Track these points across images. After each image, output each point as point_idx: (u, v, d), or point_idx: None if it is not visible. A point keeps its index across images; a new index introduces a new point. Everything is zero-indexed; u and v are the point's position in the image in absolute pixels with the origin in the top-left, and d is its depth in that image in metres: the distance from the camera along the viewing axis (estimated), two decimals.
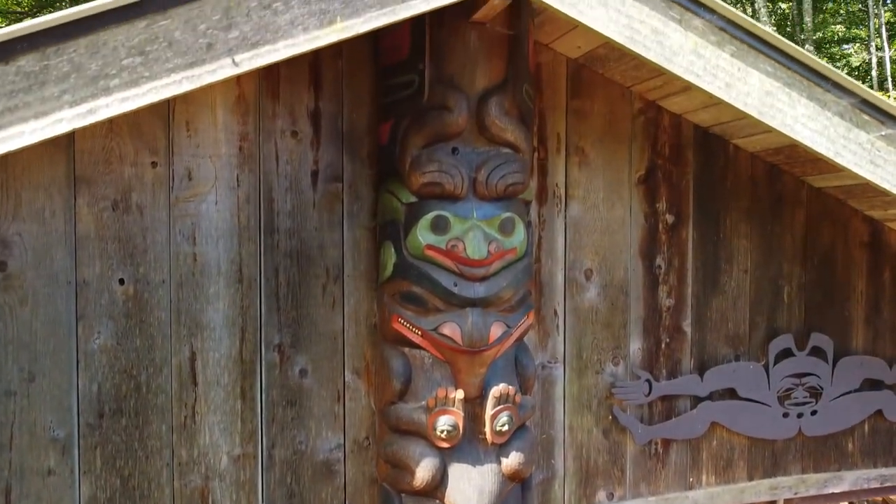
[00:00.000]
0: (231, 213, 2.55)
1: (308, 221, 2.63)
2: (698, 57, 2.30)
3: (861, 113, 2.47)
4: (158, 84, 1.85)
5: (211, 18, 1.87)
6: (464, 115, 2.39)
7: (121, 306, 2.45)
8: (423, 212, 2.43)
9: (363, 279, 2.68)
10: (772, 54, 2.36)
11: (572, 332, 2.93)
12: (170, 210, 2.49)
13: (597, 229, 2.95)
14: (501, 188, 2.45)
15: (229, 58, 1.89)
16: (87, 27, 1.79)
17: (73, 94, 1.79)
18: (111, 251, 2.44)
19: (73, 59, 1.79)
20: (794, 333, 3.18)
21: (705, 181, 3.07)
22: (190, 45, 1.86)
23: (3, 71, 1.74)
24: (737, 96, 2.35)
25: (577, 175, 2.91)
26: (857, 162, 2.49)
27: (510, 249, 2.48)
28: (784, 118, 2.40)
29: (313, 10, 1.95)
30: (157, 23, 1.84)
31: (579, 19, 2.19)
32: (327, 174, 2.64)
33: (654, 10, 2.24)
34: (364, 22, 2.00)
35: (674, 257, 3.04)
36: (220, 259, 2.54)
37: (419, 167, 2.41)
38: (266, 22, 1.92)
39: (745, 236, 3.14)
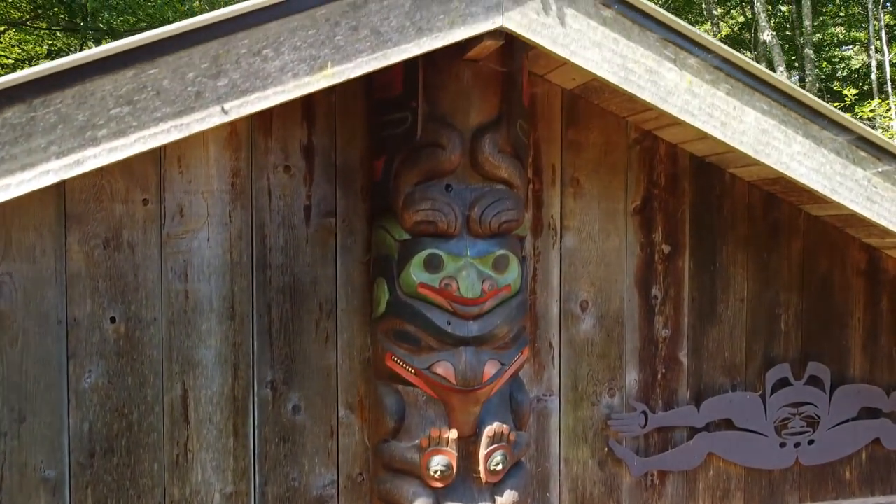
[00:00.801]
0: (223, 250, 2.53)
1: (301, 257, 2.61)
2: (693, 96, 2.28)
3: (857, 150, 2.45)
4: (146, 133, 1.83)
5: (199, 66, 1.85)
6: (457, 152, 2.38)
7: (112, 345, 2.43)
8: (417, 250, 2.41)
9: (357, 314, 2.66)
10: (768, 92, 2.34)
11: (568, 365, 2.91)
12: (161, 247, 2.47)
13: (592, 260, 2.93)
14: (495, 225, 2.43)
15: (218, 106, 1.88)
16: (75, 77, 1.77)
17: (61, 145, 1.77)
18: (102, 289, 2.42)
19: (59, 109, 1.77)
20: (791, 362, 3.16)
21: (702, 210, 3.05)
22: (178, 93, 1.84)
23: None
24: (732, 135, 2.33)
25: (573, 206, 2.90)
26: (854, 199, 2.47)
27: (504, 287, 2.46)
28: (780, 156, 2.38)
29: (303, 57, 1.93)
30: (145, 72, 1.82)
31: (573, 60, 2.17)
32: (320, 209, 2.62)
33: (649, 50, 2.22)
34: (355, 67, 1.98)
35: (670, 287, 3.03)
36: (212, 296, 2.52)
37: (412, 205, 2.39)
38: (256, 69, 1.90)
39: (741, 265, 3.12)
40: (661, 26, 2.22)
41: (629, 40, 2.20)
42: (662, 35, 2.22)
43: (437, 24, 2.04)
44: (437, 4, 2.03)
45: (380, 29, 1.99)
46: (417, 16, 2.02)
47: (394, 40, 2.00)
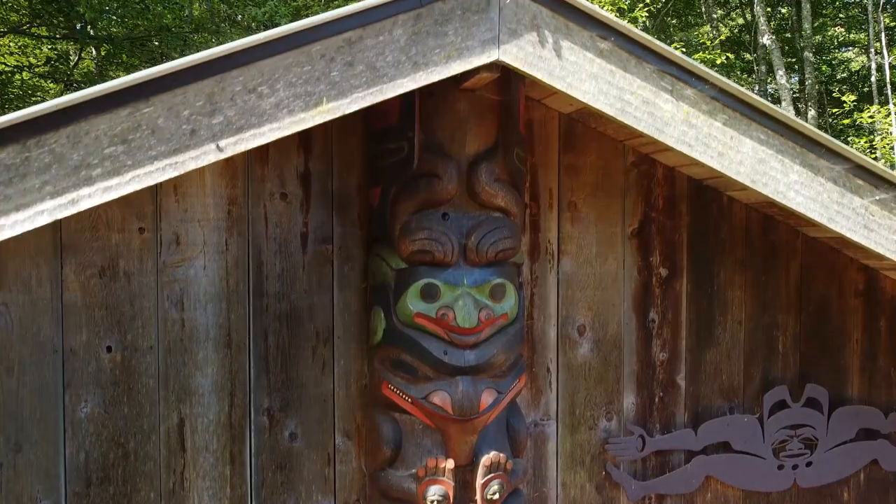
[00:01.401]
0: (219, 278, 2.53)
1: (297, 284, 2.61)
2: (690, 127, 2.27)
3: (855, 178, 2.45)
4: (141, 172, 1.83)
5: (194, 104, 1.85)
6: (454, 182, 2.37)
7: (108, 374, 2.43)
8: (413, 279, 2.41)
9: (353, 340, 2.66)
10: (765, 122, 2.33)
11: (565, 389, 2.90)
12: (157, 276, 2.46)
13: (590, 284, 2.92)
14: (492, 254, 2.43)
15: (213, 143, 1.87)
16: (69, 117, 1.77)
17: (55, 185, 1.77)
18: (98, 319, 2.42)
19: (54, 149, 1.77)
20: (789, 383, 3.16)
21: (699, 233, 3.05)
22: (173, 131, 1.84)
23: None
24: (729, 165, 2.33)
25: (570, 230, 2.89)
26: (852, 227, 2.47)
27: (501, 315, 2.45)
28: (777, 185, 2.38)
29: (299, 93, 1.93)
30: (139, 110, 1.81)
31: (569, 92, 2.17)
32: (317, 236, 2.61)
33: (645, 81, 2.21)
34: (350, 103, 1.98)
35: (667, 310, 3.02)
36: (208, 324, 2.52)
37: (409, 234, 2.39)
38: (251, 106, 1.90)
39: (739, 287, 3.11)
40: (657, 57, 2.21)
41: (626, 72, 2.20)
42: (659, 66, 2.22)
43: (432, 59, 2.03)
44: (433, 39, 2.03)
45: (375, 64, 1.98)
46: (413, 50, 2.01)
47: (389, 75, 2.00)
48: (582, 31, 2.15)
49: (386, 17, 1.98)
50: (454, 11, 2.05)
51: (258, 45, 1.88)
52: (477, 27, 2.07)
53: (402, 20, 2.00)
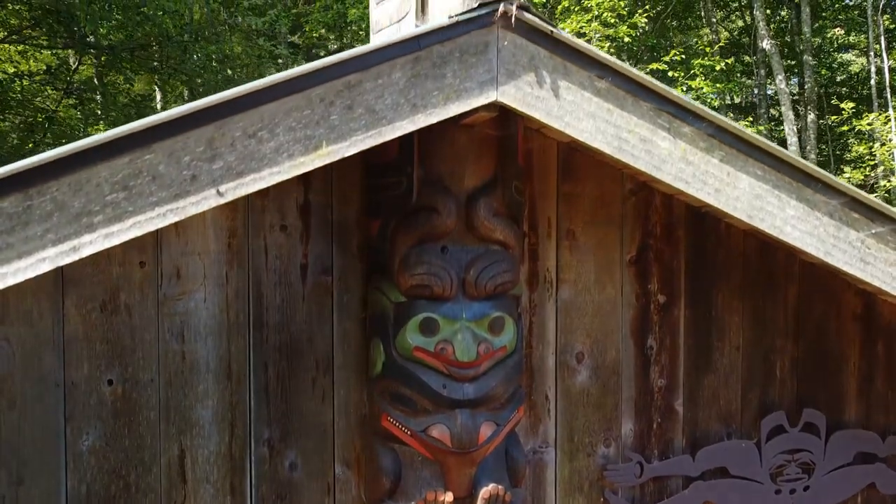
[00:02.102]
0: (220, 310, 2.54)
1: (297, 315, 2.62)
2: (687, 164, 2.29)
3: (851, 212, 2.46)
4: (142, 218, 1.85)
5: (195, 150, 1.87)
6: (452, 217, 2.39)
7: (109, 407, 2.45)
8: (412, 313, 2.43)
9: (353, 370, 2.68)
10: (761, 158, 2.35)
11: (563, 416, 2.92)
12: (158, 309, 2.48)
13: (588, 312, 2.94)
14: (491, 288, 2.45)
15: (214, 188, 1.89)
16: (71, 166, 1.78)
17: (57, 233, 1.79)
18: (99, 352, 2.43)
19: (56, 197, 1.78)
20: (787, 408, 3.17)
21: (697, 260, 3.06)
22: (174, 177, 1.86)
23: None
24: (726, 201, 2.34)
25: (569, 258, 2.91)
26: (848, 261, 2.49)
27: (500, 348, 2.47)
28: (774, 220, 2.39)
29: (298, 137, 1.94)
30: (140, 157, 1.83)
31: (567, 132, 2.18)
32: (317, 267, 2.63)
33: (643, 119, 2.23)
34: (350, 146, 1.99)
35: (665, 337, 3.04)
36: (208, 356, 2.54)
37: (408, 269, 2.40)
38: (251, 151, 1.91)
39: (737, 313, 3.13)
40: (654, 96, 2.23)
41: (623, 110, 2.21)
42: (656, 104, 2.23)
43: (431, 101, 2.05)
44: (432, 81, 2.05)
45: (374, 107, 2.00)
46: (412, 93, 2.03)
47: (388, 118, 2.02)
48: (580, 71, 2.17)
49: (385, 61, 2.00)
50: (452, 54, 2.06)
51: (258, 91, 1.90)
52: (475, 69, 2.08)
53: (400, 63, 2.01)
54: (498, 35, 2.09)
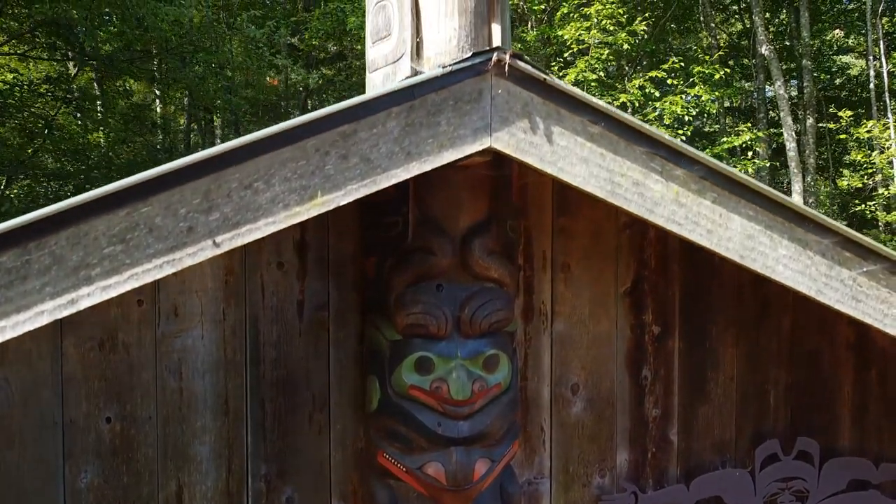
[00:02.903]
0: (217, 347, 2.57)
1: (294, 351, 2.64)
2: (680, 206, 2.31)
3: (843, 250, 2.48)
4: (139, 270, 1.87)
5: (191, 202, 1.89)
6: (447, 257, 2.41)
7: (108, 444, 2.47)
8: (408, 351, 2.45)
9: (349, 405, 2.70)
10: (753, 199, 2.37)
11: (559, 447, 2.94)
12: (156, 347, 2.50)
13: (583, 344, 2.96)
14: (486, 326, 2.47)
15: (210, 239, 1.91)
16: (68, 220, 1.80)
17: (55, 286, 1.81)
18: (98, 390, 2.45)
19: (54, 251, 1.80)
20: (780, 436, 3.20)
21: (692, 291, 3.08)
22: (171, 229, 1.88)
23: None
24: (718, 242, 2.36)
25: (563, 291, 2.93)
26: (840, 299, 2.51)
27: (494, 385, 2.49)
28: (766, 260, 2.41)
29: (294, 187, 1.97)
30: (137, 210, 1.85)
31: (560, 177, 2.20)
32: (313, 303, 2.65)
33: (635, 163, 2.25)
34: (345, 195, 2.01)
35: (660, 367, 3.06)
36: (206, 392, 2.56)
37: (403, 308, 2.43)
38: (247, 202, 1.93)
39: (731, 343, 3.15)
40: (647, 140, 2.25)
41: (616, 154, 2.23)
42: (649, 148, 2.25)
43: (425, 149, 2.07)
44: (426, 129, 2.07)
45: (369, 156, 2.02)
46: (406, 141, 2.05)
47: (383, 166, 2.04)
48: (573, 117, 2.19)
49: (380, 111, 2.02)
50: (446, 101, 2.08)
51: (255, 142, 1.92)
52: (469, 116, 2.10)
53: (395, 112, 2.03)
54: (492, 83, 2.11)
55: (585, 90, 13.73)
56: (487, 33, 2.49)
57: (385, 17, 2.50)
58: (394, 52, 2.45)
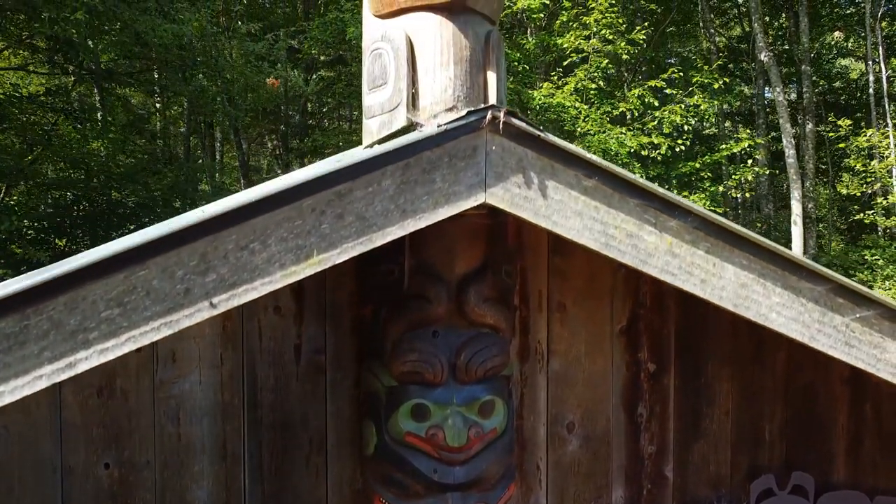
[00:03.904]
0: (214, 392, 2.58)
1: (291, 394, 2.66)
2: (674, 256, 2.33)
3: (836, 297, 2.50)
4: (137, 333, 1.88)
5: (188, 264, 1.91)
6: (443, 306, 2.43)
7: (106, 490, 2.49)
8: (404, 398, 2.47)
9: (346, 446, 2.72)
10: (747, 248, 2.39)
11: (555, 486, 2.96)
12: (154, 393, 2.52)
13: (579, 382, 2.98)
14: (481, 373, 2.49)
15: (207, 301, 1.93)
16: (66, 284, 1.82)
17: (53, 351, 1.83)
18: (96, 437, 2.47)
19: (52, 316, 1.82)
20: (776, 471, 3.21)
21: (687, 328, 3.10)
22: (168, 292, 1.89)
23: None
24: (712, 291, 2.38)
25: (559, 330, 2.95)
26: (832, 345, 2.52)
27: (490, 431, 2.51)
28: (759, 308, 2.43)
29: (290, 247, 1.98)
30: (135, 273, 1.87)
31: (554, 230, 2.22)
32: (310, 347, 2.67)
33: (629, 215, 2.27)
34: (340, 253, 2.03)
35: (656, 404, 3.08)
36: (204, 437, 2.58)
37: (399, 355, 2.44)
38: (243, 263, 1.95)
39: (726, 378, 3.17)
40: (641, 192, 2.27)
41: (610, 207, 2.25)
42: (642, 200, 2.27)
43: (420, 206, 2.09)
44: (421, 186, 2.08)
45: (365, 214, 2.04)
46: (401, 199, 2.07)
47: (378, 224, 2.05)
48: (567, 171, 2.20)
49: (375, 170, 2.03)
50: (441, 159, 2.10)
51: (252, 204, 1.94)
52: (464, 172, 2.12)
53: (391, 171, 2.05)
54: (486, 139, 2.13)
55: (585, 99, 13.75)
56: (483, 81, 2.51)
57: (381, 66, 2.51)
58: (390, 100, 2.47)
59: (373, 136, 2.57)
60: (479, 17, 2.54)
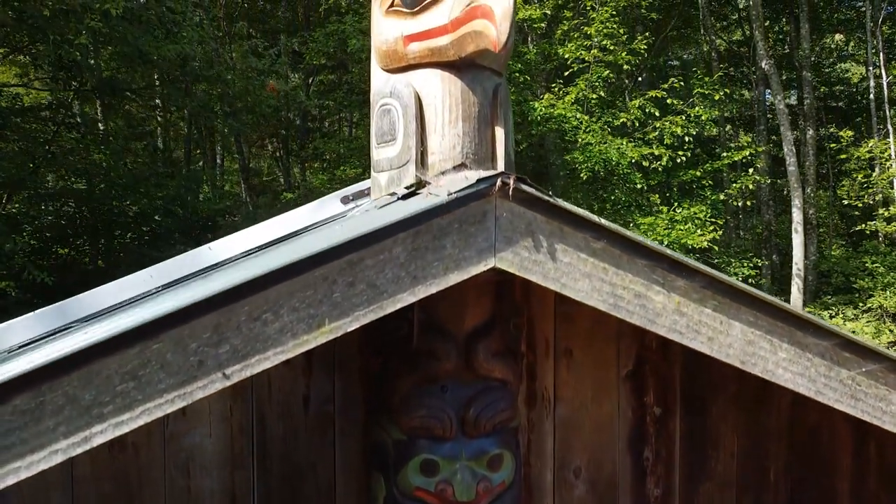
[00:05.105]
0: (224, 444, 2.60)
1: (300, 444, 2.68)
2: (681, 315, 2.34)
3: (842, 351, 2.51)
4: (151, 405, 1.90)
5: (201, 337, 1.92)
6: (452, 361, 2.45)
7: None
8: (412, 453, 2.48)
9: (354, 496, 2.73)
10: (753, 305, 2.40)
11: None
12: (164, 446, 2.54)
13: (585, 427, 3.00)
14: (490, 427, 2.51)
15: (220, 372, 1.94)
16: (81, 360, 1.83)
17: (68, 426, 1.84)
18: (107, 490, 2.49)
19: (67, 391, 1.83)
20: None
21: (692, 371, 3.12)
22: (181, 364, 1.91)
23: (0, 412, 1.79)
24: (719, 348, 2.40)
25: (566, 376, 2.96)
26: (839, 398, 2.54)
27: (499, 484, 2.53)
28: (766, 364, 2.45)
29: (302, 317, 2.00)
30: (149, 347, 1.88)
31: (563, 292, 2.24)
32: (319, 398, 2.69)
33: (638, 276, 2.28)
34: (352, 321, 2.04)
35: (661, 447, 3.09)
36: (213, 489, 2.59)
37: (408, 411, 2.46)
38: (256, 333, 1.96)
39: (731, 421, 3.18)
40: (649, 253, 2.28)
41: (618, 268, 2.27)
42: (650, 261, 2.29)
43: (431, 272, 2.10)
44: (432, 253, 2.10)
45: (376, 282, 2.05)
46: (412, 266, 2.08)
47: (389, 291, 2.07)
48: (575, 234, 2.22)
49: (387, 237, 2.05)
50: (452, 225, 2.11)
51: (265, 276, 1.95)
52: (474, 238, 2.14)
53: (401, 238, 2.07)
54: (496, 204, 2.15)
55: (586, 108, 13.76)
56: (491, 136, 2.53)
57: (389, 122, 2.53)
58: (398, 157, 2.48)
59: (381, 189, 2.59)
60: (488, 72, 2.56)
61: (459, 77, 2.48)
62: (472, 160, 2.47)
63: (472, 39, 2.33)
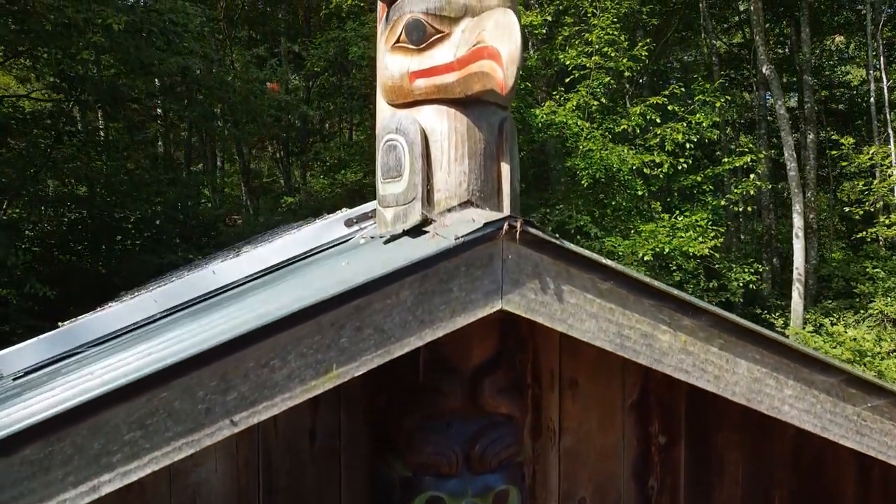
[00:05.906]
0: (230, 479, 2.60)
1: (306, 479, 2.68)
2: (688, 354, 2.34)
3: (847, 387, 2.52)
4: (159, 454, 1.90)
5: (209, 384, 1.92)
6: (457, 399, 2.45)
7: None
8: (419, 490, 2.48)
9: None
10: (759, 343, 2.40)
11: None
12: (170, 483, 2.54)
13: (590, 457, 3.00)
14: (496, 463, 2.51)
15: (227, 419, 1.94)
16: (90, 411, 1.83)
17: (76, 476, 1.84)
18: None
19: (75, 441, 1.83)
20: None
21: (697, 400, 3.11)
22: (189, 412, 1.91)
23: (8, 462, 1.79)
24: (725, 387, 2.40)
25: (571, 407, 2.96)
26: (844, 434, 2.54)
27: None
28: (772, 401, 2.45)
29: (309, 362, 2.00)
30: (157, 396, 1.88)
31: (570, 333, 2.24)
32: (325, 432, 2.69)
33: (644, 316, 2.28)
34: (359, 366, 2.05)
35: (666, 476, 3.09)
36: None
37: (414, 447, 2.46)
38: (263, 380, 1.97)
39: (736, 449, 3.18)
40: (655, 293, 2.28)
41: (625, 308, 2.27)
42: (657, 301, 2.29)
43: (438, 315, 2.10)
44: (439, 296, 2.10)
45: (383, 327, 2.05)
46: (419, 310, 2.08)
47: (396, 335, 2.07)
48: (582, 275, 2.22)
49: (394, 282, 2.05)
50: (458, 268, 2.12)
51: (272, 323, 1.95)
52: (481, 280, 2.14)
53: (409, 282, 2.07)
54: (502, 247, 2.15)
55: (587, 115, 13.77)
56: (497, 173, 2.53)
57: (395, 158, 2.53)
58: (405, 194, 2.49)
59: (387, 225, 2.59)
60: (494, 107, 2.56)
61: (465, 113, 2.48)
62: (477, 197, 2.48)
63: (478, 79, 2.33)
